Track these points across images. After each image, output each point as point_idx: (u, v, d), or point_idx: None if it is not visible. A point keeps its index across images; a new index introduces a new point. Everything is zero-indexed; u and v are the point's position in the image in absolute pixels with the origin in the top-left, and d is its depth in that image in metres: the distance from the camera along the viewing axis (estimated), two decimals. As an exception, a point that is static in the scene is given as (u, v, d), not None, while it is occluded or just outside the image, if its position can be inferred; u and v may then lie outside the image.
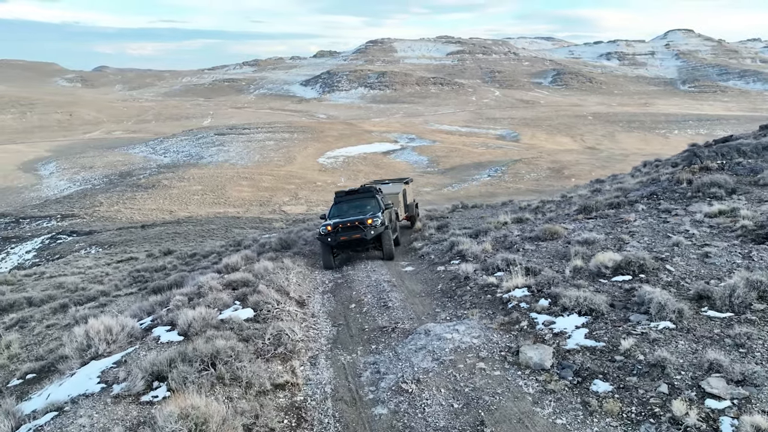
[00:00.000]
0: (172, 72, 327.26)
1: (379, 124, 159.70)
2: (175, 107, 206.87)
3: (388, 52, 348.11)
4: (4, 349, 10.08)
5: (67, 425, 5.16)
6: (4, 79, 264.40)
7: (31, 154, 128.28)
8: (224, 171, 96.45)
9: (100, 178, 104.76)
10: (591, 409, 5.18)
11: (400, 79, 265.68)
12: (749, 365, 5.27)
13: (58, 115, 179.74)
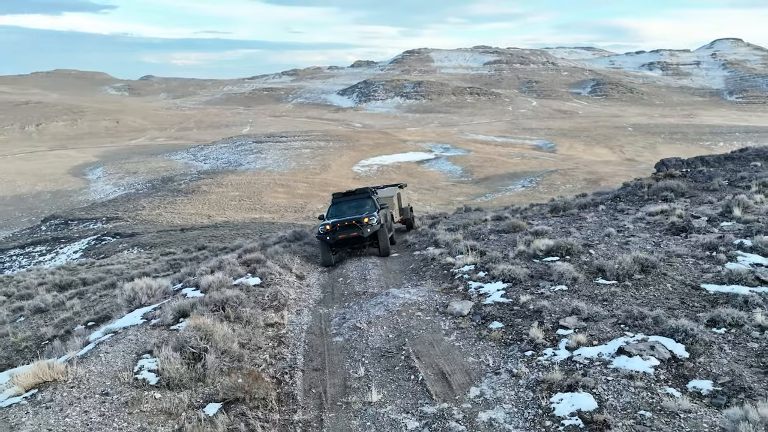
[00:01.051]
0: (214, 81, 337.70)
1: (414, 133, 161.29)
2: (215, 115, 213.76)
3: (425, 61, 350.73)
4: (70, 309, 12.83)
5: (120, 339, 7.52)
6: (58, 87, 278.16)
7: (81, 159, 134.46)
8: (261, 178, 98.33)
9: (143, 183, 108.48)
10: (481, 337, 7.25)
11: (436, 89, 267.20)
12: (597, 309, 7.25)
13: (106, 122, 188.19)
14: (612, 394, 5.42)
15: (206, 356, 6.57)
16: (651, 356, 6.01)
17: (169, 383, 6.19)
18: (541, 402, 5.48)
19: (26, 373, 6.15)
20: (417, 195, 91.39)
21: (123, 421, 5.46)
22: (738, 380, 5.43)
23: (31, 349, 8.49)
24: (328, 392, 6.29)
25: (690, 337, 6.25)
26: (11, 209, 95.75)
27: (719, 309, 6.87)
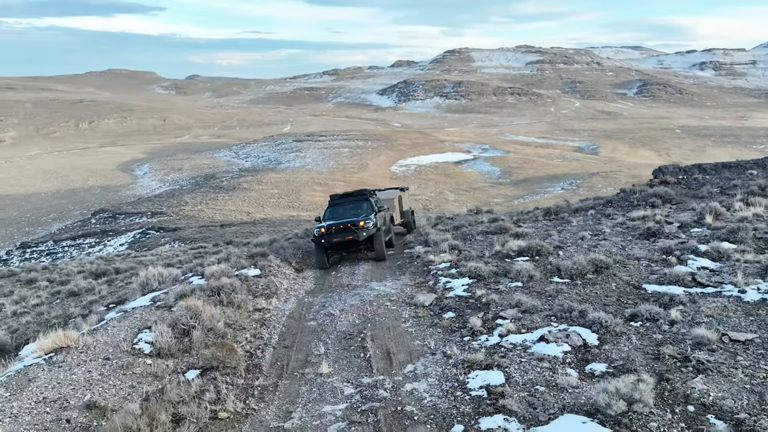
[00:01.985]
0: (257, 80, 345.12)
1: (452, 133, 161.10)
2: (257, 114, 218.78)
3: (466, 61, 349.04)
4: (97, 294, 14.48)
5: (127, 317, 8.88)
6: (110, 86, 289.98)
7: (129, 155, 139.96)
8: (300, 176, 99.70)
9: (187, 179, 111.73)
10: (433, 324, 8.28)
11: (477, 89, 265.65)
12: (537, 303, 8.15)
13: (154, 120, 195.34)
14: (519, 373, 6.36)
15: (193, 332, 7.82)
16: (565, 343, 6.91)
17: (159, 352, 7.47)
18: (459, 377, 6.47)
19: (47, 341, 7.53)
20: (454, 196, 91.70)
21: (117, 380, 6.74)
22: (629, 364, 6.28)
23: (59, 324, 9.94)
24: (290, 365, 7.44)
25: (604, 328, 7.12)
26: (65, 202, 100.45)
27: (643, 305, 7.67)
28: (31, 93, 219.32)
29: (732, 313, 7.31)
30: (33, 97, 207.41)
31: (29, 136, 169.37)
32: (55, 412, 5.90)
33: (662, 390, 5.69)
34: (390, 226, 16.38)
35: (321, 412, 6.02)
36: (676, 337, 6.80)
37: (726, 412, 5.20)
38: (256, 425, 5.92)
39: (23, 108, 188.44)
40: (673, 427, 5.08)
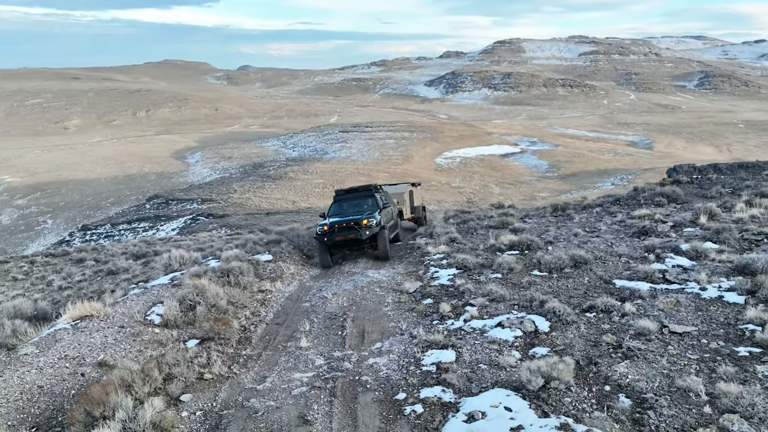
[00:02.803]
0: (306, 71, 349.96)
1: (500, 126, 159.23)
2: (305, 104, 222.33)
3: (516, 52, 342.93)
4: (131, 273, 15.98)
5: (146, 293, 10.10)
6: (166, 77, 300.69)
7: (182, 144, 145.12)
8: (345, 166, 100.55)
9: (236, 167, 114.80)
10: (411, 309, 9.12)
11: (526, 81, 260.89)
12: (506, 293, 8.85)
13: (206, 109, 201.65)
14: (469, 353, 7.13)
15: (198, 307, 8.93)
16: (518, 329, 7.62)
17: (167, 324, 8.61)
18: (417, 355, 7.29)
19: (75, 310, 8.79)
20: (499, 189, 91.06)
21: (127, 345, 7.90)
22: (569, 349, 6.94)
23: (91, 297, 11.29)
24: (276, 339, 8.44)
25: (557, 317, 7.77)
26: (122, 188, 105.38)
27: (601, 298, 8.25)
28: (94, 83, 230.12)
29: (683, 308, 7.81)
30: (95, 86, 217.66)
31: (91, 124, 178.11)
32: (73, 367, 7.09)
33: (588, 372, 6.36)
34: (398, 221, 16.37)
35: (291, 378, 6.97)
36: (621, 327, 7.39)
37: (635, 392, 5.84)
38: (234, 386, 6.94)
39: (86, 97, 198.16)
40: (584, 402, 5.76)
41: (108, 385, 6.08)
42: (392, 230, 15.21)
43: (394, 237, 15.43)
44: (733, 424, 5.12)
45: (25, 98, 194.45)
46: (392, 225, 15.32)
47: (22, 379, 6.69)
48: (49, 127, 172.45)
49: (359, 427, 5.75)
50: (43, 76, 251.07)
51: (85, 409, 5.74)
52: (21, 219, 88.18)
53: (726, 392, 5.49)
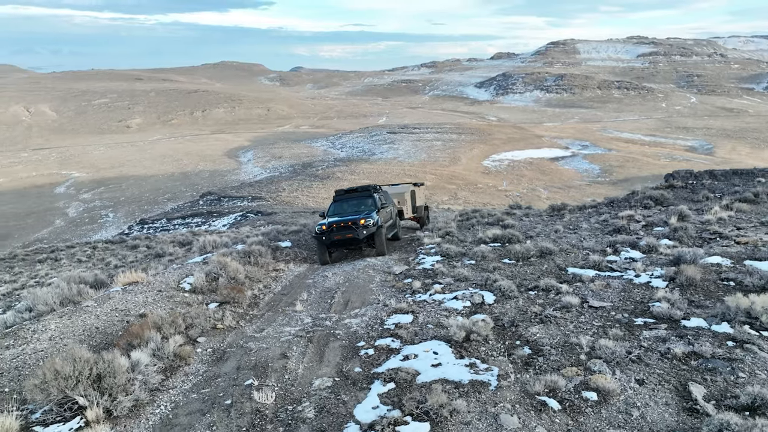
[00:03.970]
0: (356, 72, 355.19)
1: (551, 128, 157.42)
2: (355, 105, 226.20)
3: (570, 53, 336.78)
4: (174, 255, 18.52)
5: (181, 267, 12.37)
6: (222, 78, 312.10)
7: (235, 143, 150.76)
8: (391, 167, 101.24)
9: (285, 167, 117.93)
10: (392, 286, 10.96)
11: (580, 83, 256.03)
12: (470, 274, 10.55)
13: (259, 110, 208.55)
14: (423, 317, 8.92)
15: (220, 279, 11.07)
16: (468, 301, 9.36)
17: (194, 290, 10.78)
18: (383, 318, 9.14)
19: (125, 278, 11.09)
20: (547, 193, 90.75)
21: (162, 304, 10.09)
22: (504, 317, 8.61)
23: (139, 270, 13.72)
24: (278, 305, 10.46)
25: (502, 293, 9.46)
26: (178, 184, 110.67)
27: (546, 280, 9.85)
28: (155, 83, 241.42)
29: (611, 289, 9.34)
30: (156, 87, 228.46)
31: (151, 123, 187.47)
32: (120, 316, 9.31)
33: (508, 331, 8.06)
34: (397, 221, 16.81)
35: (282, 331, 8.95)
36: (551, 302, 9.01)
37: (537, 345, 7.51)
38: (238, 334, 8.99)
39: (147, 97, 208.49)
40: (494, 351, 7.48)
41: (144, 325, 8.24)
42: (391, 229, 15.75)
43: (393, 236, 16.05)
44: (594, 365, 6.74)
45: (92, 98, 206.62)
46: (390, 224, 15.83)
47: (84, 322, 8.96)
48: (113, 126, 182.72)
49: (323, 361, 7.67)
50: (109, 77, 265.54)
51: (127, 341, 7.90)
52: (86, 212, 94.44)
53: (603, 346, 7.09)
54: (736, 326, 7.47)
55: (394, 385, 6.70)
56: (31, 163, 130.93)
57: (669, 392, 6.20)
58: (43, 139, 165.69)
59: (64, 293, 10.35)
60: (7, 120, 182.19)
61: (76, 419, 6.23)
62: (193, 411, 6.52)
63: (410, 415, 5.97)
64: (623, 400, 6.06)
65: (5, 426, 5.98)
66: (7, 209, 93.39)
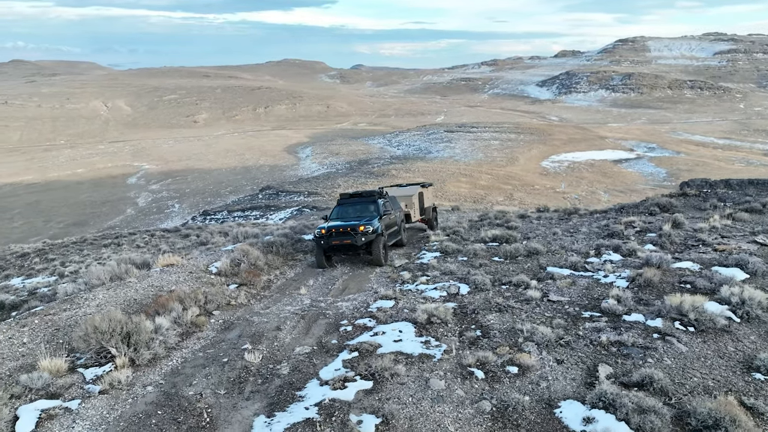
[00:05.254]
0: (415, 70, 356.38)
1: (615, 129, 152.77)
2: (413, 104, 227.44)
3: (640, 51, 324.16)
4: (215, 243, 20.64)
5: (212, 253, 14.27)
6: (284, 75, 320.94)
7: (295, 139, 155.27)
8: (447, 166, 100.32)
9: (342, 163, 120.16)
10: (387, 276, 12.37)
11: (649, 82, 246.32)
12: (456, 269, 11.83)
13: (319, 107, 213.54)
14: (403, 302, 10.32)
15: (242, 264, 12.86)
16: (446, 291, 10.68)
17: (219, 273, 12.61)
18: (369, 302, 10.60)
19: (163, 260, 13.07)
20: (607, 196, 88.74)
21: (191, 283, 11.96)
22: (470, 305, 9.88)
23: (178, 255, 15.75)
24: (287, 289, 12.12)
25: (476, 285, 10.71)
26: (239, 178, 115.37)
27: (520, 276, 11.02)
28: (221, 80, 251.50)
29: (574, 287, 10.42)
30: (222, 84, 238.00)
31: (216, 118, 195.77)
32: (154, 291, 11.22)
33: (468, 317, 9.34)
34: (402, 226, 16.70)
35: (283, 309, 10.59)
36: (516, 295, 10.21)
37: (487, 329, 8.77)
38: (247, 310, 10.70)
39: (214, 93, 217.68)
40: (450, 332, 8.80)
41: (170, 298, 10.07)
42: (394, 236, 15.79)
43: (397, 242, 16.11)
44: (526, 347, 7.96)
45: (163, 94, 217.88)
46: (394, 231, 15.82)
47: (126, 294, 10.92)
48: (182, 120, 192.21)
49: (308, 334, 9.23)
50: (179, 74, 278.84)
51: (155, 309, 9.75)
52: (154, 202, 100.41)
53: (540, 332, 8.28)
54: (666, 321, 8.47)
55: (358, 354, 8.17)
56: (107, 155, 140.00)
57: (580, 371, 7.36)
58: (118, 133, 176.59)
59: (114, 271, 12.42)
60: (87, 114, 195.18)
61: (108, 365, 8.06)
62: (197, 365, 8.23)
63: (360, 375, 7.44)
64: (538, 374, 7.28)
65: (57, 366, 7.86)
66: (85, 198, 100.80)
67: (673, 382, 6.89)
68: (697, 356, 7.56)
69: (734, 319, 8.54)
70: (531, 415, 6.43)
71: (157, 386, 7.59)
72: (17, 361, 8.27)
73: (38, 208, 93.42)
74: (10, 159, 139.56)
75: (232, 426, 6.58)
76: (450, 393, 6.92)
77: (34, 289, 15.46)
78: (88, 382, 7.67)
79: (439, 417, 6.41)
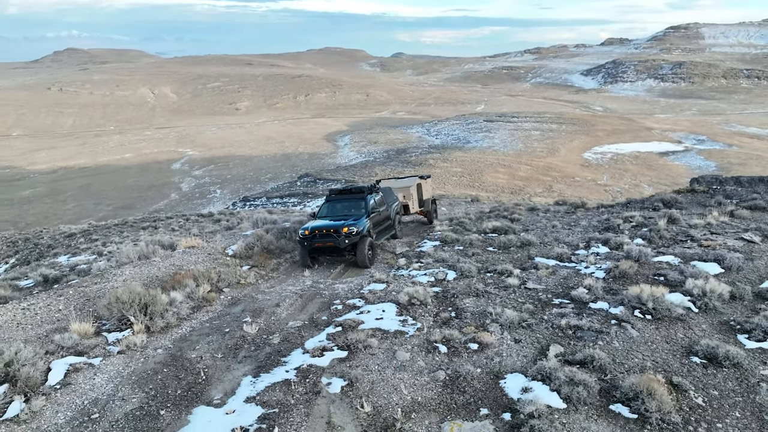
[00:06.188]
0: (456, 59, 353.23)
1: (663, 120, 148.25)
2: (452, 92, 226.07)
3: (692, 39, 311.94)
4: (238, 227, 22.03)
5: (230, 237, 15.55)
6: (325, 63, 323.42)
7: (334, 127, 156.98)
8: (485, 156, 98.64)
9: (380, 152, 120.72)
10: (386, 262, 13.37)
11: (702, 71, 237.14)
12: (448, 257, 12.72)
13: (358, 95, 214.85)
14: (393, 286, 11.31)
15: (255, 247, 14.09)
16: (434, 277, 11.60)
17: (235, 255, 13.87)
18: (363, 285, 11.63)
19: (185, 242, 14.43)
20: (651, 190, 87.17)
21: (208, 263, 13.25)
22: (453, 290, 10.77)
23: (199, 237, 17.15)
24: (293, 271, 13.27)
25: (461, 273, 11.59)
26: (279, 165, 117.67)
27: (505, 266, 11.82)
28: (263, 68, 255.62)
29: (553, 276, 11.18)
30: (264, 72, 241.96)
31: (258, 106, 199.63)
32: (175, 269, 12.56)
33: (447, 300, 10.25)
34: (396, 220, 16.40)
35: (285, 289, 11.75)
36: (496, 282, 11.04)
37: (462, 311, 9.69)
38: (254, 289, 11.91)
39: (256, 81, 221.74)
40: (427, 312, 9.76)
41: (185, 275, 11.36)
42: (387, 230, 15.60)
43: (392, 235, 15.96)
44: (491, 327, 8.84)
45: (207, 82, 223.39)
46: (387, 226, 15.57)
47: (149, 271, 12.29)
48: (224, 108, 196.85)
49: (303, 311, 10.35)
50: (223, 62, 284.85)
51: (171, 285, 11.04)
52: (197, 188, 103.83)
53: (507, 315, 9.13)
54: (626, 309, 9.19)
55: (341, 328, 9.23)
56: (153, 141, 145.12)
57: (534, 349, 8.21)
58: (164, 119, 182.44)
59: (142, 251, 13.85)
60: (135, 101, 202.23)
61: (127, 330, 9.37)
62: (201, 334, 9.46)
63: (337, 346, 8.50)
64: (495, 351, 8.17)
65: (85, 329, 9.20)
66: (132, 182, 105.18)
67: (614, 362, 7.67)
68: (645, 341, 8.29)
69: (693, 309, 9.19)
70: (478, 384, 7.35)
71: (166, 349, 8.84)
72: (53, 324, 9.69)
73: (89, 191, 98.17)
74: (65, 143, 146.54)
75: (223, 383, 7.74)
76: (412, 363, 7.90)
77: (75, 265, 17.10)
78: (110, 344, 8.99)
79: (397, 382, 7.41)
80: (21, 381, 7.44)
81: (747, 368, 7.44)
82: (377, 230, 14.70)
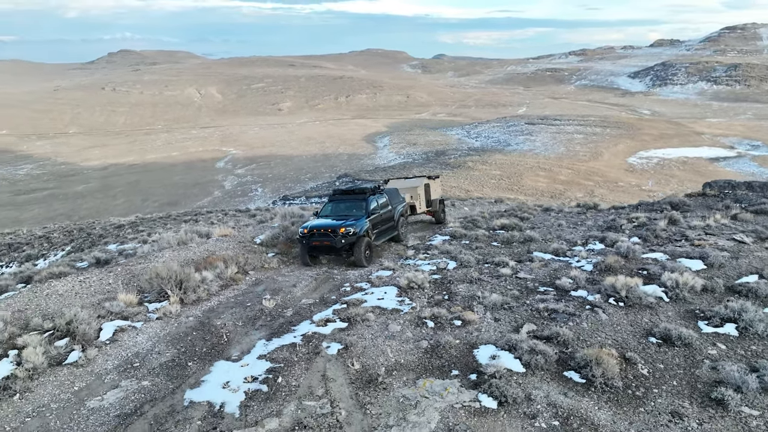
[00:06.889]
0: (499, 60, 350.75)
1: (715, 125, 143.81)
2: (494, 94, 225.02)
3: (749, 40, 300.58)
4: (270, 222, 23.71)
5: (261, 227, 17.12)
6: (367, 65, 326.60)
7: (374, 128, 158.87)
8: (525, 160, 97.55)
9: (419, 153, 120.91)
10: (397, 253, 14.65)
11: (759, 73, 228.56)
12: (452, 249, 13.89)
13: (399, 96, 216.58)
14: (398, 273, 12.58)
15: (280, 237, 15.60)
16: (435, 266, 12.82)
17: (262, 244, 15.42)
18: (372, 272, 12.94)
19: (218, 231, 16.07)
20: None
21: (238, 249, 14.83)
22: (451, 277, 11.95)
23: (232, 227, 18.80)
24: (311, 262, 14.69)
25: (461, 263, 12.75)
26: (319, 165, 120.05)
27: (501, 258, 12.92)
28: (306, 70, 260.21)
29: (545, 267, 12.23)
30: (306, 73, 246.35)
31: (300, 107, 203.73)
32: (207, 253, 14.18)
33: (443, 286, 11.46)
34: (400, 221, 16.43)
35: (303, 273, 13.21)
36: (491, 272, 12.17)
37: (455, 295, 10.87)
38: (276, 272, 13.40)
39: (298, 82, 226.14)
40: (424, 295, 11.00)
41: (216, 258, 12.94)
42: (389, 231, 15.75)
43: (393, 237, 16.02)
44: (476, 307, 10.01)
45: (252, 82, 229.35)
46: (389, 227, 15.74)
47: (186, 255, 13.95)
48: (267, 108, 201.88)
49: (316, 291, 11.76)
50: (267, 64, 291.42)
51: (204, 265, 12.63)
52: (239, 186, 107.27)
53: (493, 298, 10.28)
54: (602, 297, 10.20)
55: (346, 305, 10.58)
56: (199, 140, 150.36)
57: (510, 327, 9.35)
58: (209, 119, 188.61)
59: (181, 238, 15.55)
60: (182, 101, 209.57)
61: (165, 301, 10.98)
62: (227, 306, 10.98)
63: (339, 318, 9.84)
64: (475, 327, 9.35)
65: (130, 299, 10.85)
66: (178, 179, 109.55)
67: (578, 339, 8.74)
68: (612, 323, 9.31)
69: (664, 299, 10.14)
70: (455, 352, 8.56)
71: (196, 318, 10.38)
72: (104, 295, 11.39)
73: (137, 188, 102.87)
74: (116, 141, 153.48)
75: (240, 344, 9.20)
76: (401, 334, 9.17)
77: (123, 251, 19.02)
78: (150, 312, 10.60)
79: (385, 348, 8.69)
80: (79, 336, 9.09)
81: (696, 348, 8.40)
82: (378, 231, 15.06)
